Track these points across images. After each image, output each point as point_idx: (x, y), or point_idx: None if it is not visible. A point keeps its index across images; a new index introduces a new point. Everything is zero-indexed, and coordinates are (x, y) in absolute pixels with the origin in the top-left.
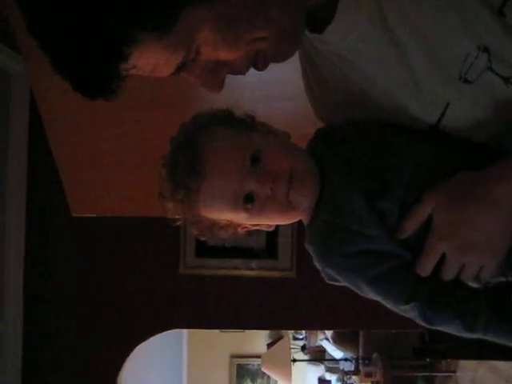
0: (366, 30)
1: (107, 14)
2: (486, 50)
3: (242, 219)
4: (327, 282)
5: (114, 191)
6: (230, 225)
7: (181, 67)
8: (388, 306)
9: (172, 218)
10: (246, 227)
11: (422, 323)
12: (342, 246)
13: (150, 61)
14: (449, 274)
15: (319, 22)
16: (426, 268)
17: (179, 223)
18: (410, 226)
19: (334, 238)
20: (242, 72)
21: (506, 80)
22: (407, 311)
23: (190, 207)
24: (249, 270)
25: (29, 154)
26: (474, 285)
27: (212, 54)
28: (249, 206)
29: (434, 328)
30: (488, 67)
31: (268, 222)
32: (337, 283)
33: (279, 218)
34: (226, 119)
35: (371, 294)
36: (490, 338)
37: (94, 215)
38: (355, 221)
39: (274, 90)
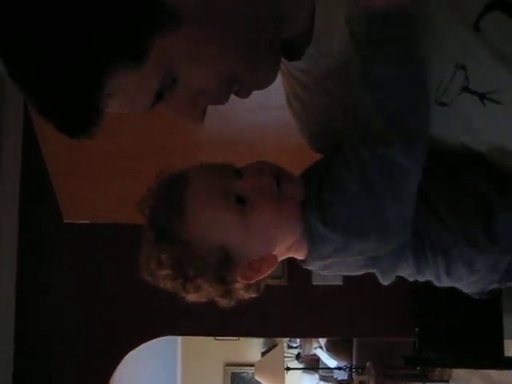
0: (340, 55)
1: (82, 45)
2: (462, 67)
3: (237, 228)
4: (320, 272)
5: (107, 197)
6: (231, 290)
7: (159, 96)
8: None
9: (168, 287)
10: (246, 283)
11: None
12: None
13: (126, 90)
14: None
15: (298, 49)
16: None
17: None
18: None
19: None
20: (221, 101)
21: (482, 96)
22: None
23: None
24: None
25: (22, 159)
26: None
27: (187, 81)
28: (241, 207)
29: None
30: (464, 86)
31: (265, 223)
32: (328, 271)
33: (275, 212)
34: None
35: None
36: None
37: (87, 221)
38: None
39: (262, 100)
